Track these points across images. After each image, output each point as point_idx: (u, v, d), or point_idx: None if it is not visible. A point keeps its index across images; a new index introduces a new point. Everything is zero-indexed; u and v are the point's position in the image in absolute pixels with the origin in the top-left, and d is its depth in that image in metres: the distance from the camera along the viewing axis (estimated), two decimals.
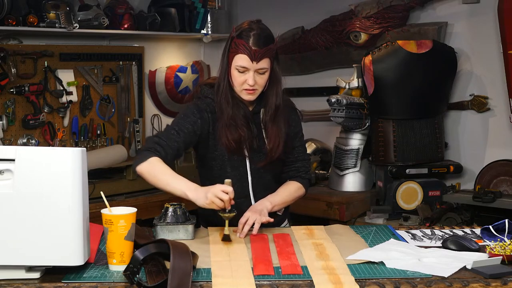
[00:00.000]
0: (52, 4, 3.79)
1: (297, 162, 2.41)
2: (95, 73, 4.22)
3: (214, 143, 2.29)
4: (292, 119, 2.39)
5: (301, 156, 2.42)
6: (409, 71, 3.52)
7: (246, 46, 2.18)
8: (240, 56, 2.19)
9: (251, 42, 2.18)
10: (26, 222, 1.66)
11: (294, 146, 2.40)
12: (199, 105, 2.30)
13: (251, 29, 2.20)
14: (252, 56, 2.18)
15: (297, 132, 2.41)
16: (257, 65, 2.19)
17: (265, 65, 2.21)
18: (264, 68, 2.21)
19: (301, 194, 2.41)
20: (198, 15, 4.52)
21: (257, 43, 2.18)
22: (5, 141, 3.77)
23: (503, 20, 3.37)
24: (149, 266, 1.76)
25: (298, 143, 2.42)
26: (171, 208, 2.16)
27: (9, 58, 3.77)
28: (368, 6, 4.09)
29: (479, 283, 1.70)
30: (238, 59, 2.20)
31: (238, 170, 2.31)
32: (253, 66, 2.19)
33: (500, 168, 3.57)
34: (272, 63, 2.26)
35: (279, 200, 2.30)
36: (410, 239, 2.10)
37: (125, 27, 4.18)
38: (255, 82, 2.21)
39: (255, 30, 2.20)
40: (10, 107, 3.80)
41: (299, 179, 2.40)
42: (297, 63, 4.51)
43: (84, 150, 1.73)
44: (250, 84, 2.20)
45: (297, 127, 2.41)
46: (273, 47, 2.24)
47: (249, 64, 2.19)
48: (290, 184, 2.39)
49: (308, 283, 1.69)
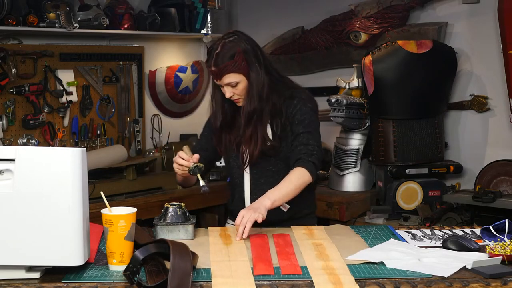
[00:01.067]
0: (52, 4, 3.79)
1: (299, 146, 2.33)
2: (95, 73, 4.22)
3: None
4: (298, 108, 2.38)
5: (305, 141, 2.33)
6: (409, 71, 3.52)
7: (208, 68, 2.36)
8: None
9: (211, 62, 2.32)
10: (26, 222, 1.66)
11: (298, 132, 2.35)
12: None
13: (215, 48, 2.33)
14: (214, 76, 2.35)
15: (302, 120, 2.36)
16: (222, 81, 2.33)
17: (231, 79, 2.32)
18: (232, 82, 2.33)
19: (306, 180, 2.26)
20: (198, 15, 4.52)
21: (215, 63, 2.32)
22: (5, 141, 3.77)
23: (503, 20, 3.37)
24: (149, 266, 1.76)
25: (303, 129, 2.35)
26: (171, 208, 2.16)
27: (9, 58, 3.77)
28: (368, 6, 4.09)
29: (479, 283, 1.70)
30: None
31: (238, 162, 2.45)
32: (220, 83, 2.34)
33: (500, 168, 3.57)
34: (247, 72, 2.33)
35: (279, 194, 2.22)
36: (410, 239, 2.10)
37: (125, 27, 4.18)
38: (232, 93, 2.35)
39: (217, 49, 2.32)
40: (10, 107, 3.80)
41: (301, 163, 2.28)
42: (297, 63, 4.51)
43: (84, 150, 1.73)
44: (226, 97, 2.35)
45: (304, 115, 2.37)
46: (232, 62, 2.30)
47: (217, 81, 2.35)
48: (290, 174, 2.29)
49: (308, 283, 1.69)
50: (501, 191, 3.42)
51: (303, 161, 2.28)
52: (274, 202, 2.21)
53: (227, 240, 2.10)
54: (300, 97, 2.42)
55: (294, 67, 4.51)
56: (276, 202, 2.21)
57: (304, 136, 2.33)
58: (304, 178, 2.26)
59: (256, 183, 2.42)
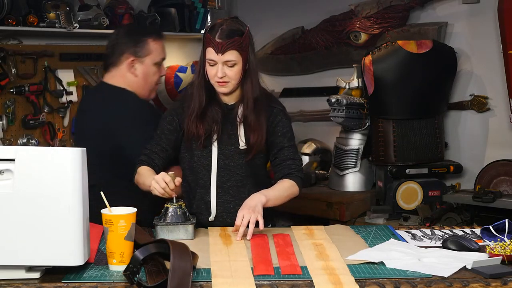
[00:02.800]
0: (52, 4, 3.79)
1: (288, 160, 2.38)
2: (95, 73, 4.21)
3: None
4: (279, 120, 2.41)
5: (292, 155, 2.40)
6: (409, 71, 3.52)
7: (212, 40, 2.27)
8: (208, 49, 2.30)
9: (216, 36, 2.27)
10: (26, 222, 1.66)
11: (283, 146, 2.39)
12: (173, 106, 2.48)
13: (220, 24, 2.30)
14: (217, 49, 2.27)
15: (285, 132, 2.41)
16: (223, 57, 2.27)
17: (232, 57, 2.28)
18: (232, 60, 2.28)
19: (295, 191, 2.36)
20: (198, 15, 4.52)
21: (220, 36, 2.27)
22: (5, 141, 3.77)
23: (503, 20, 3.37)
24: (149, 266, 1.76)
25: (288, 143, 2.41)
26: (171, 208, 2.16)
27: (9, 58, 3.76)
28: (368, 6, 4.09)
29: (479, 283, 1.70)
30: (207, 52, 2.30)
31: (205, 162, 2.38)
32: (220, 58, 2.27)
33: (500, 168, 3.56)
34: (246, 56, 2.31)
35: (273, 195, 2.26)
36: (410, 239, 2.10)
37: None
38: (224, 74, 2.30)
39: (223, 25, 2.30)
40: (10, 107, 3.80)
41: (291, 177, 2.35)
42: (297, 63, 4.51)
43: (84, 150, 1.73)
44: (218, 76, 2.29)
45: (286, 127, 2.42)
46: (240, 39, 2.29)
47: (215, 56, 2.28)
48: (283, 181, 2.35)
49: (308, 283, 1.69)
50: (501, 191, 3.42)
51: (294, 176, 2.36)
52: (268, 202, 2.22)
53: (227, 240, 2.10)
54: (279, 108, 2.45)
55: (294, 67, 4.51)
56: (269, 202, 2.23)
57: (290, 150, 2.40)
58: (293, 190, 2.35)
59: (223, 186, 2.38)
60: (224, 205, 2.36)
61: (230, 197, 2.36)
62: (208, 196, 2.38)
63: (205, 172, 2.38)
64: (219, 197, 2.37)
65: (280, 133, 2.39)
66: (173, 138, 2.41)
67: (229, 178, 2.38)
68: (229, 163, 2.37)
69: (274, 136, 2.39)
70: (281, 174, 2.37)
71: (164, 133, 2.42)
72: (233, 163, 2.37)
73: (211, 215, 2.37)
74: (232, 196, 2.35)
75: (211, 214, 2.37)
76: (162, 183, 2.14)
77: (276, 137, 2.39)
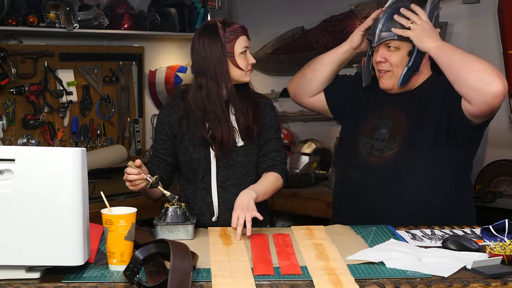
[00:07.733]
0: (52, 4, 3.79)
1: (272, 152, 2.39)
2: (95, 73, 4.22)
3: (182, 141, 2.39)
4: (267, 112, 2.42)
5: (277, 147, 2.41)
6: None
7: (237, 29, 2.31)
8: (240, 39, 2.30)
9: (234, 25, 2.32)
10: (26, 222, 1.66)
11: (270, 138, 2.41)
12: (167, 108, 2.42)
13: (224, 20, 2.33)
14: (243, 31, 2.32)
15: (272, 124, 2.42)
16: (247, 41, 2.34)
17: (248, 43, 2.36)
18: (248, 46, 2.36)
19: (279, 184, 2.36)
20: (198, 15, 4.52)
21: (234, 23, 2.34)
22: (5, 141, 3.77)
23: (503, 20, 3.37)
24: (149, 266, 1.76)
25: (274, 135, 2.42)
26: (171, 208, 2.16)
27: (9, 58, 3.77)
28: (368, 6, 4.08)
29: (479, 283, 1.70)
30: (240, 42, 2.31)
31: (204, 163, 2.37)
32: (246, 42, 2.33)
33: (500, 168, 3.56)
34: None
35: (262, 190, 2.26)
36: (410, 239, 2.10)
37: (125, 27, 4.18)
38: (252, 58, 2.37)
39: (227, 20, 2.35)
40: (10, 107, 3.80)
41: (275, 169, 2.36)
42: (297, 63, 4.50)
43: (84, 150, 1.73)
44: (253, 61, 2.34)
45: (273, 120, 2.43)
46: None
47: (247, 42, 2.33)
48: (268, 174, 2.35)
49: (308, 283, 1.69)
50: (501, 191, 3.42)
51: (278, 168, 2.37)
52: (258, 197, 2.22)
53: (227, 240, 2.10)
54: (266, 101, 2.47)
55: (294, 67, 4.49)
56: (259, 197, 2.23)
57: (276, 143, 2.42)
58: (279, 183, 2.36)
59: (223, 185, 2.38)
60: (226, 204, 2.36)
61: (231, 195, 2.34)
62: (209, 196, 2.38)
63: (204, 173, 2.38)
64: (221, 197, 2.37)
65: (268, 125, 2.41)
66: (168, 146, 2.40)
67: (229, 177, 2.38)
68: (228, 162, 2.37)
69: (261, 128, 2.40)
70: (265, 166, 2.38)
71: (158, 143, 2.42)
72: (232, 161, 2.37)
73: (214, 216, 2.37)
74: (233, 194, 2.34)
75: (214, 215, 2.37)
76: (126, 176, 2.20)
77: (263, 129, 2.40)
